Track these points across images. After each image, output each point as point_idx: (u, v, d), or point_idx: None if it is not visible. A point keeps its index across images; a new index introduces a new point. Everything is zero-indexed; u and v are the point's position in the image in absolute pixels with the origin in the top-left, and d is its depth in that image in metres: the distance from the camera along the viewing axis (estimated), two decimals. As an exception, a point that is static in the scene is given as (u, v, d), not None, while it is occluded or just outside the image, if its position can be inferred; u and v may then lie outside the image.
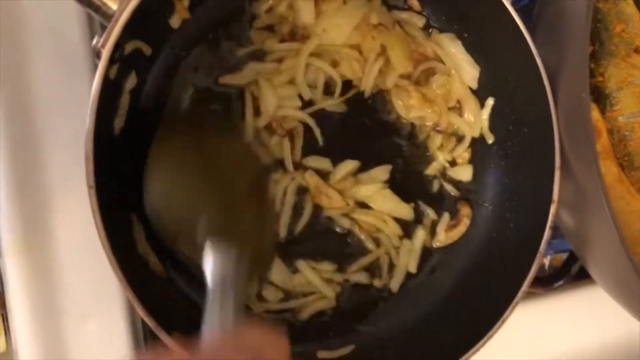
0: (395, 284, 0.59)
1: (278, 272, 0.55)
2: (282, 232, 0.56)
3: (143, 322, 0.57)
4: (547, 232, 0.53)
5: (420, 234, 0.59)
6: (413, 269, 0.59)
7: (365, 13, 0.56)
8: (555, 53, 0.54)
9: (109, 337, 0.57)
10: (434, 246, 0.60)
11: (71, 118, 0.54)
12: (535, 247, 0.52)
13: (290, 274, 0.56)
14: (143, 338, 0.59)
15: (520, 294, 0.52)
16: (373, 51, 0.57)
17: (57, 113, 0.55)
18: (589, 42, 0.60)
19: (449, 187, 0.61)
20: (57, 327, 0.55)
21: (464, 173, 0.61)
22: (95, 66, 0.43)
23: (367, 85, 0.59)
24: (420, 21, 0.59)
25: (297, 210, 0.57)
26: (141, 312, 0.42)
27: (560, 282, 0.67)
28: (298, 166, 0.57)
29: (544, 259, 0.71)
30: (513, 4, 0.67)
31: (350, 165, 0.58)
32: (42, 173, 0.55)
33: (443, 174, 0.61)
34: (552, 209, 0.52)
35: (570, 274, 0.66)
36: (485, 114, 0.60)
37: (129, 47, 0.45)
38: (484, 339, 0.50)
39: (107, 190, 0.44)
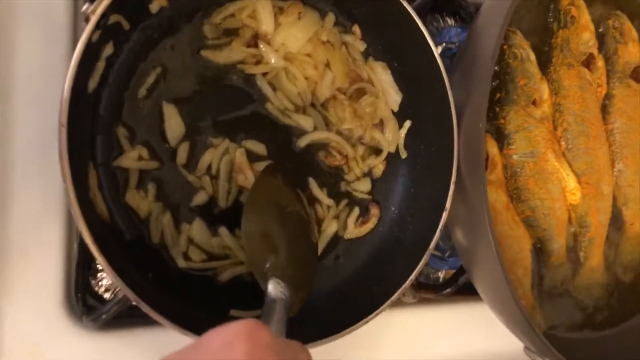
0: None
1: (202, 234, 0.63)
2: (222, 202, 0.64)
3: (77, 275, 0.64)
4: (437, 234, 0.62)
5: (333, 225, 0.69)
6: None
7: (317, 30, 0.66)
8: (464, 91, 0.64)
9: (44, 279, 0.62)
10: (344, 237, 0.70)
11: (50, 78, 0.61)
12: (426, 245, 0.62)
13: (212, 237, 0.63)
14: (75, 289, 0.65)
15: (408, 282, 0.61)
16: (321, 63, 0.67)
17: (37, 73, 0.61)
18: (497, 89, 0.73)
19: (357, 193, 0.71)
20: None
21: (363, 185, 0.71)
22: (75, 34, 0.51)
23: (322, 92, 0.68)
24: (361, 46, 0.69)
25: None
26: (85, 234, 0.49)
27: (448, 290, 0.76)
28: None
29: (439, 273, 0.81)
30: (443, 51, 0.80)
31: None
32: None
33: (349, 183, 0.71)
34: (444, 215, 0.62)
35: (457, 283, 0.76)
36: (403, 133, 0.71)
37: (112, 19, 0.53)
38: (365, 319, 0.59)
39: (73, 134, 0.51)
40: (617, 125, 0.77)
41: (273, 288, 0.53)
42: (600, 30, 0.79)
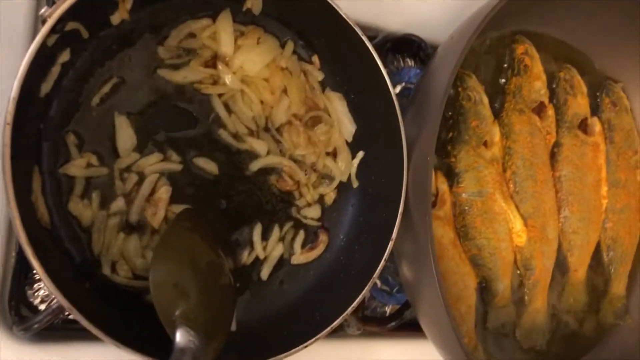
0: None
1: (133, 252, 0.62)
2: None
3: (12, 284, 0.62)
4: (381, 263, 0.62)
5: (279, 248, 0.68)
6: (265, 277, 0.68)
7: (276, 56, 0.68)
8: (416, 126, 0.65)
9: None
10: (291, 262, 0.69)
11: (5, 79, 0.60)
12: (371, 274, 0.62)
13: (140, 258, 0.62)
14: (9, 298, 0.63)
15: (350, 309, 0.61)
16: (279, 88, 0.68)
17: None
18: (450, 129, 0.75)
19: (307, 220, 0.71)
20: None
21: (314, 212, 0.71)
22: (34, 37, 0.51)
23: (277, 117, 0.69)
24: (320, 76, 0.71)
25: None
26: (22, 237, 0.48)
27: (392, 324, 0.76)
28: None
29: (386, 307, 0.81)
30: (402, 91, 0.82)
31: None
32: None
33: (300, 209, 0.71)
34: (390, 245, 0.62)
35: (402, 317, 0.77)
36: (355, 163, 0.72)
37: (70, 26, 0.53)
38: (304, 344, 0.58)
39: (19, 136, 0.50)
40: (565, 173, 0.80)
41: (181, 337, 0.52)
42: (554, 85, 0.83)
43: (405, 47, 0.83)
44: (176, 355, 0.50)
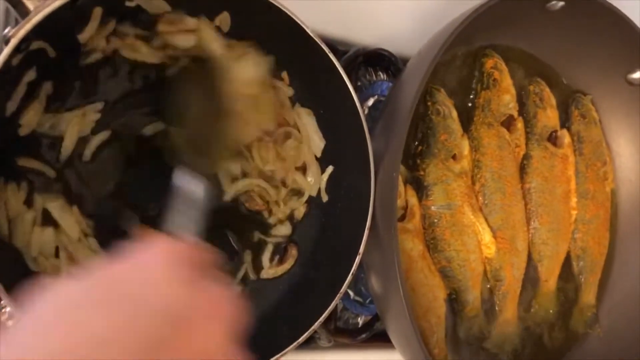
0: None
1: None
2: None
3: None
4: (349, 278, 0.63)
5: (245, 265, 0.70)
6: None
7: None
8: (383, 141, 0.66)
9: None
10: (260, 277, 0.70)
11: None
12: (338, 288, 0.62)
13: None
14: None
15: (317, 324, 0.61)
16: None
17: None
18: (420, 142, 0.76)
19: (276, 238, 0.72)
20: None
21: (284, 229, 0.72)
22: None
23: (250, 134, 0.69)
24: (290, 91, 0.72)
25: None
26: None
27: (363, 336, 0.77)
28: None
29: (359, 318, 0.82)
30: (374, 104, 0.83)
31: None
32: None
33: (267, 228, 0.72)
34: (357, 259, 0.63)
35: (373, 329, 0.78)
36: (325, 178, 0.73)
37: (35, 45, 0.53)
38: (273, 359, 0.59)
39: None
40: (534, 185, 0.81)
41: (190, 182, 0.51)
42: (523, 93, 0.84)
43: (377, 60, 0.84)
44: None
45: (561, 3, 0.74)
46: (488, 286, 0.79)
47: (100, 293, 0.33)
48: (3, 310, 0.55)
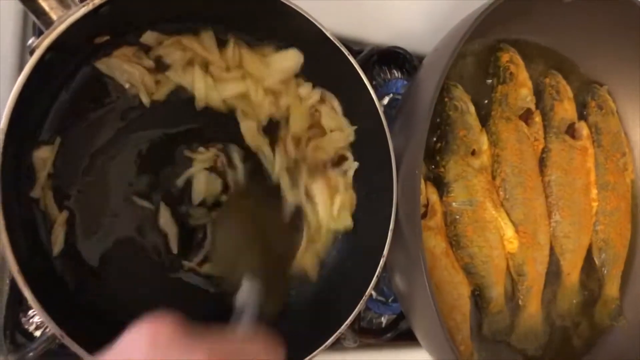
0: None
1: None
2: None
3: (7, 311, 0.62)
4: (374, 279, 0.62)
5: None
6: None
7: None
8: (404, 139, 0.66)
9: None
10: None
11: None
12: (364, 289, 0.62)
13: None
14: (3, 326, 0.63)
15: (344, 327, 0.61)
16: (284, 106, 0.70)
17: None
18: (438, 139, 0.76)
19: None
20: None
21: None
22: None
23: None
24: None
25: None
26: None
27: (388, 335, 0.77)
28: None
29: (382, 318, 0.81)
30: (390, 102, 0.83)
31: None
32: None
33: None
34: (381, 261, 0.62)
35: (397, 328, 0.77)
36: (350, 174, 0.72)
37: (57, 56, 0.53)
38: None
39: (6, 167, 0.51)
40: (554, 178, 0.80)
41: (246, 287, 0.53)
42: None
43: (392, 59, 0.83)
44: (240, 305, 0.52)
45: (576, -6, 0.73)
46: (511, 281, 0.78)
47: None
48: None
